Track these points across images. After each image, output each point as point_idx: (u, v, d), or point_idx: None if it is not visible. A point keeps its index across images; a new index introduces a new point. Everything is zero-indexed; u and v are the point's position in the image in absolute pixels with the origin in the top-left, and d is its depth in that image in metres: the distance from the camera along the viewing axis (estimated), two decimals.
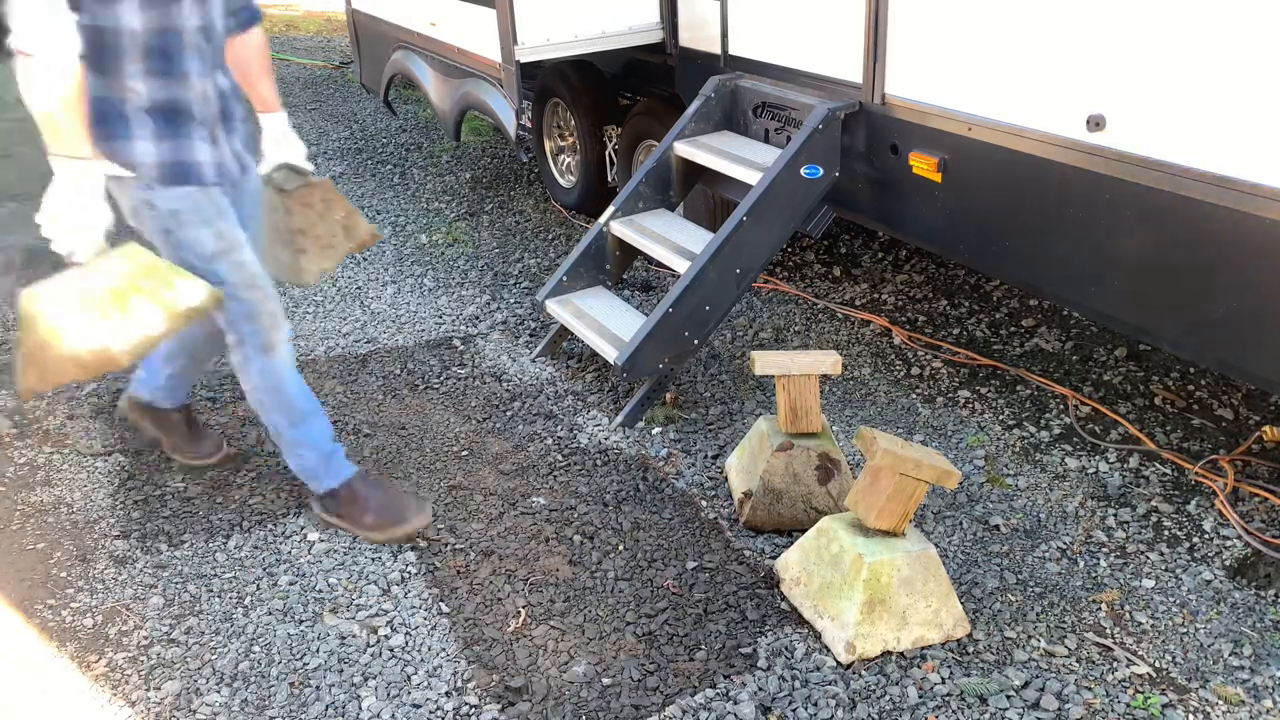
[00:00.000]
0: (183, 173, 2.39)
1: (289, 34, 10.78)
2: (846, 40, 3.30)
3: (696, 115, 3.77)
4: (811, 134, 3.27)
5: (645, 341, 3.17)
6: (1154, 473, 2.97)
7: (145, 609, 2.50)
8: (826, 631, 2.35)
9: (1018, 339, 3.80)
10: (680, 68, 4.19)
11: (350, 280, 4.45)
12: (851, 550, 2.31)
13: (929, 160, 3.10)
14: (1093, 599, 2.50)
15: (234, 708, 2.22)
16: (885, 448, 2.29)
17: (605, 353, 3.27)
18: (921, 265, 4.43)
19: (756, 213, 3.24)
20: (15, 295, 2.33)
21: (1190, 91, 2.40)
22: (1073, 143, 2.68)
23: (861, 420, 3.32)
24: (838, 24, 3.33)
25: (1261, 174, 2.29)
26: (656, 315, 3.18)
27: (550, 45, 4.00)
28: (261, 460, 3.11)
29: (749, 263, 3.29)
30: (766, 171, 3.28)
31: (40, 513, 2.88)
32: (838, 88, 3.40)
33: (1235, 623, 2.42)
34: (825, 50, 3.44)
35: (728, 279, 3.26)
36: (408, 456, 3.13)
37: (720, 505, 2.89)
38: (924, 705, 2.19)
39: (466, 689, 2.25)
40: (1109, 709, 2.18)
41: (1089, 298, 2.80)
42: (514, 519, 2.83)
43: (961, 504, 2.88)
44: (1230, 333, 2.48)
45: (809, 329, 3.94)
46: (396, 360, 3.74)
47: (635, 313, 3.49)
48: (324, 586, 2.57)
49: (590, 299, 3.63)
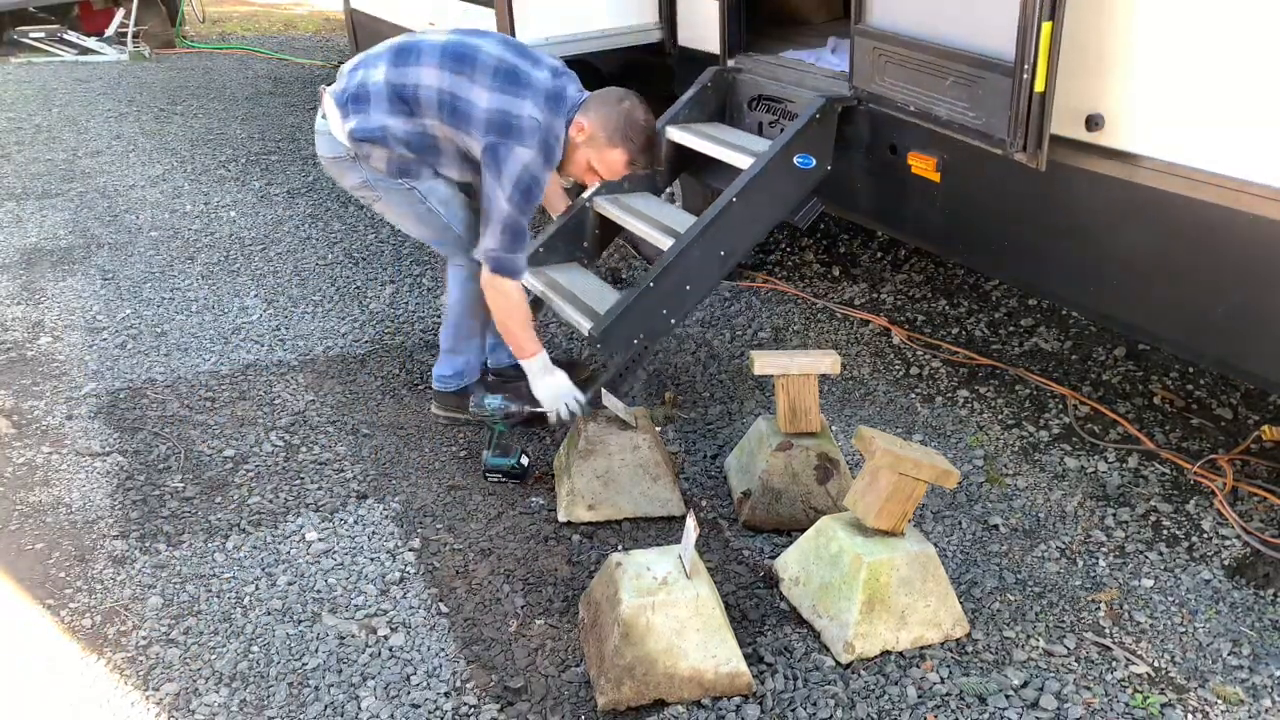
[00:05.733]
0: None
1: (288, 33, 10.78)
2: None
3: (691, 102, 3.76)
4: (808, 123, 3.26)
5: (623, 315, 3.08)
6: (1153, 472, 2.97)
7: (144, 609, 2.50)
8: (825, 631, 2.35)
9: (1017, 339, 3.80)
10: (679, 68, 4.19)
11: (349, 280, 4.45)
12: (850, 550, 2.31)
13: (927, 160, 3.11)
14: (1092, 599, 2.50)
15: (233, 708, 2.21)
16: (884, 447, 2.29)
17: (579, 324, 3.17)
18: (921, 265, 4.43)
19: (746, 196, 3.20)
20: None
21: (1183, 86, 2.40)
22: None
23: (860, 420, 3.32)
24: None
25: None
26: (637, 290, 3.12)
27: (548, 45, 3.99)
28: (261, 460, 3.11)
29: (734, 246, 3.25)
30: (760, 156, 3.27)
31: (39, 513, 2.87)
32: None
33: (1234, 622, 2.42)
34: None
35: (711, 260, 3.21)
36: (407, 456, 3.13)
37: (719, 505, 2.89)
38: (923, 705, 2.19)
39: (465, 689, 2.25)
40: (1108, 709, 2.18)
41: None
42: (513, 519, 2.83)
43: (960, 504, 2.88)
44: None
45: (808, 329, 3.94)
46: (396, 360, 3.74)
47: (611, 289, 3.38)
48: (323, 586, 2.57)
49: (566, 273, 3.52)
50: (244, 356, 3.78)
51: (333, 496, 2.93)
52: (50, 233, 5.00)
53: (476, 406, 2.94)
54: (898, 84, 2.99)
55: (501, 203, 2.74)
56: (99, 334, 3.96)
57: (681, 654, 2.16)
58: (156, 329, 4.00)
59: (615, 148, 2.82)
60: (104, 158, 6.27)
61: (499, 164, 2.72)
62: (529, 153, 2.72)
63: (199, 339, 3.92)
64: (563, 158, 2.86)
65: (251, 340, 3.91)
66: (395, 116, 2.81)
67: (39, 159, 6.24)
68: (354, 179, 2.98)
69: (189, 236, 4.98)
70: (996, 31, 2.53)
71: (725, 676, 2.19)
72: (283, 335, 3.94)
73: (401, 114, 2.81)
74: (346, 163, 2.94)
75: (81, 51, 9.39)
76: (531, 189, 2.75)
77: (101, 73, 8.74)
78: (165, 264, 4.65)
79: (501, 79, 2.75)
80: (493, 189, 2.75)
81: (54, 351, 3.83)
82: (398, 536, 2.75)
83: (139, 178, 5.88)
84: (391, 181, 2.93)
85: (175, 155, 6.32)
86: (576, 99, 2.83)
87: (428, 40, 2.85)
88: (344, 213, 5.25)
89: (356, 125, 2.83)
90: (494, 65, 2.76)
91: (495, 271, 2.82)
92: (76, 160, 6.22)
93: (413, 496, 2.93)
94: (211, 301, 4.26)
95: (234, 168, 6.07)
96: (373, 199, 3.03)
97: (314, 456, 3.13)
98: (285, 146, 6.50)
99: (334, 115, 2.88)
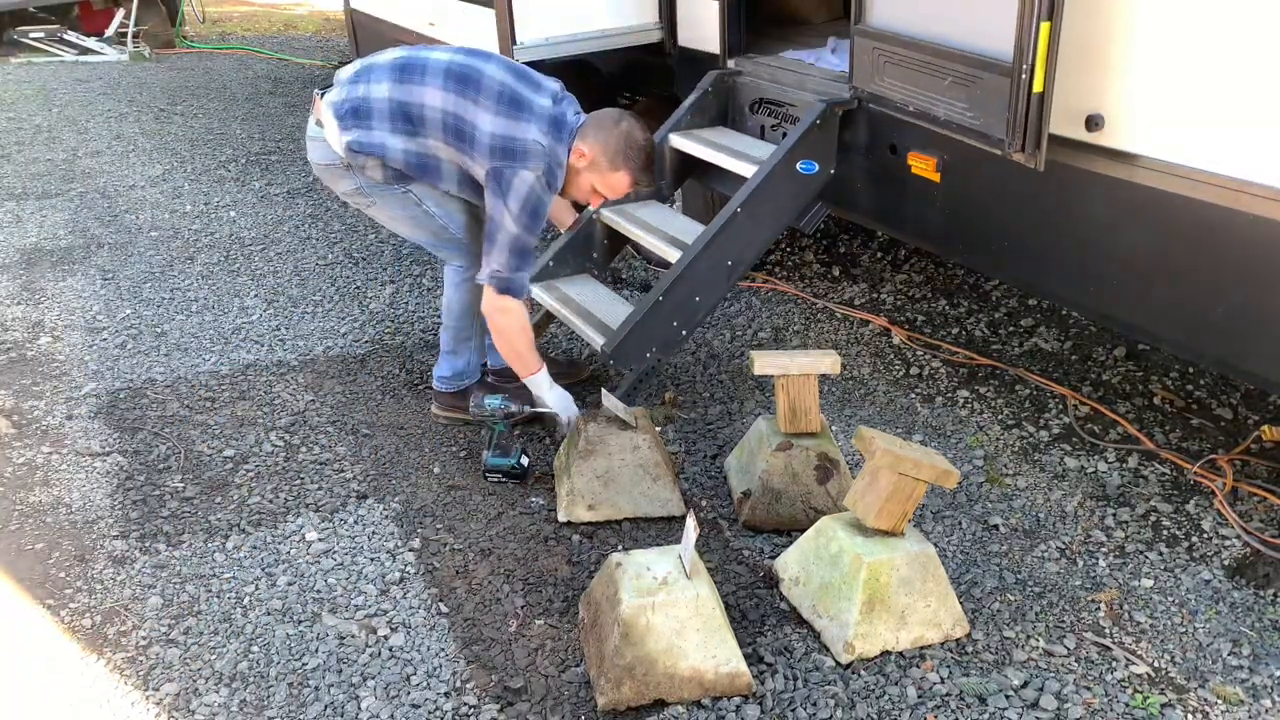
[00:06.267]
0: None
1: (288, 33, 10.78)
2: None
3: (693, 108, 3.76)
4: (809, 128, 3.27)
5: (634, 330, 3.11)
6: (1153, 472, 2.97)
7: (144, 609, 2.50)
8: (825, 631, 2.35)
9: (1017, 339, 3.80)
10: (679, 68, 4.19)
11: (349, 280, 4.45)
12: (850, 550, 2.31)
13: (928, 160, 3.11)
14: (1092, 599, 2.50)
15: (233, 708, 2.21)
16: (884, 447, 2.29)
17: (592, 340, 3.21)
18: (921, 265, 4.43)
19: (750, 206, 3.22)
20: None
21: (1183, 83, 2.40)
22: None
23: (860, 420, 3.32)
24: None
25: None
26: (647, 303, 3.14)
27: (549, 45, 3.99)
28: (261, 460, 3.11)
29: (740, 255, 3.26)
30: (762, 165, 3.27)
31: (39, 513, 2.87)
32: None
33: (1234, 622, 2.42)
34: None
35: (719, 271, 3.23)
36: (407, 456, 3.13)
37: (719, 505, 2.89)
38: (923, 705, 2.19)
39: (465, 689, 2.25)
40: (1108, 709, 2.18)
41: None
42: (513, 519, 2.83)
43: (960, 504, 2.88)
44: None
45: (808, 329, 3.94)
46: (396, 360, 3.74)
47: (622, 301, 3.42)
48: (323, 587, 2.57)
49: (576, 286, 3.55)
50: (244, 356, 3.78)
51: (333, 496, 2.93)
52: (50, 233, 5.00)
53: (476, 407, 2.94)
54: (897, 84, 2.99)
55: (509, 224, 2.74)
56: (99, 334, 3.96)
57: (681, 654, 2.16)
58: (156, 329, 4.00)
59: (618, 170, 2.83)
60: (104, 158, 6.28)
61: (505, 187, 2.73)
62: (534, 175, 2.73)
63: (199, 339, 3.92)
64: (566, 183, 2.87)
65: (251, 340, 3.91)
66: (397, 135, 2.81)
67: (39, 159, 6.24)
68: (348, 185, 2.98)
69: (189, 236, 4.98)
70: (995, 32, 2.53)
71: (725, 676, 2.19)
72: (283, 335, 3.94)
73: (404, 132, 2.81)
74: (340, 170, 2.93)
75: (81, 51, 9.39)
76: (538, 210, 2.77)
77: (101, 73, 8.75)
78: (165, 264, 4.65)
79: (506, 104, 2.75)
80: (499, 211, 2.75)
81: (54, 351, 3.83)
82: (398, 536, 2.75)
83: (139, 178, 5.89)
84: (387, 187, 2.94)
85: (175, 155, 6.32)
86: (575, 124, 2.84)
87: (432, 59, 2.84)
88: (344, 213, 5.25)
89: (355, 139, 2.82)
90: (497, 89, 2.76)
91: (502, 292, 2.83)
92: (76, 160, 6.22)
93: (413, 496, 2.93)
94: (211, 301, 4.26)
95: (234, 168, 6.07)
96: (366, 204, 3.03)
97: (314, 456, 3.13)
98: (285, 146, 6.50)
99: (331, 125, 2.87)
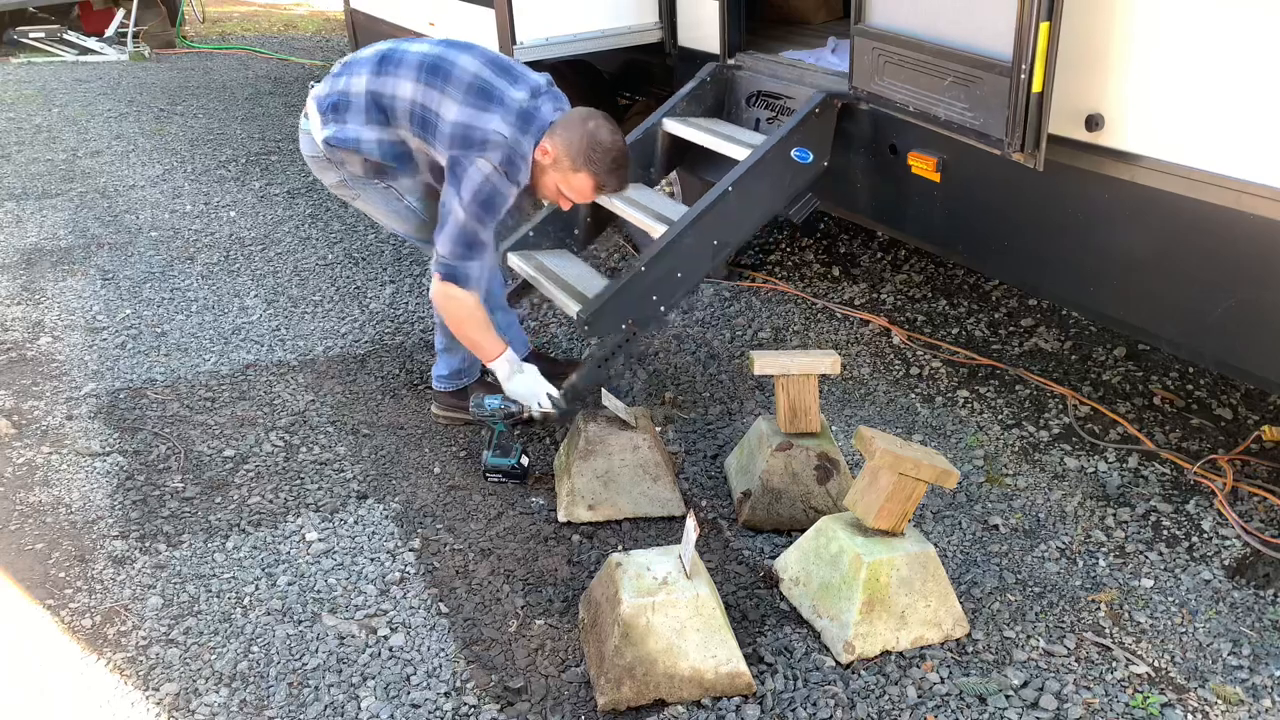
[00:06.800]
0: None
1: (288, 33, 10.78)
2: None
3: (689, 96, 3.76)
4: (806, 117, 3.26)
5: (612, 299, 3.07)
6: (1153, 472, 2.97)
7: (144, 609, 2.50)
8: (825, 631, 2.35)
9: (1017, 339, 3.80)
10: (679, 68, 4.19)
11: (349, 280, 4.45)
12: (850, 550, 2.31)
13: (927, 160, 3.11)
14: (1092, 599, 2.50)
15: (233, 708, 2.21)
16: (884, 447, 2.29)
17: (567, 307, 3.17)
18: (921, 265, 4.43)
19: (742, 186, 3.20)
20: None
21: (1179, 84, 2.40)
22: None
23: (861, 420, 3.32)
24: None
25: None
26: (630, 272, 3.11)
27: (549, 45, 4.00)
28: (261, 460, 3.11)
29: (727, 236, 3.24)
30: (757, 148, 3.27)
31: (39, 513, 2.87)
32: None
33: (1234, 622, 2.42)
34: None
35: (704, 249, 3.20)
36: (407, 456, 3.13)
37: (719, 505, 2.89)
38: (923, 705, 2.19)
39: (465, 689, 2.25)
40: (1108, 709, 2.18)
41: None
42: (513, 519, 2.83)
43: (960, 504, 2.88)
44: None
45: (808, 329, 3.94)
46: (396, 360, 3.74)
47: (599, 275, 3.38)
48: (323, 587, 2.57)
49: (554, 258, 3.52)
50: (244, 357, 3.78)
51: (333, 496, 2.93)
52: (50, 233, 5.00)
53: (476, 407, 2.94)
54: (897, 84, 2.99)
55: (458, 211, 2.72)
56: (99, 334, 3.96)
57: (681, 654, 2.16)
58: (156, 329, 4.00)
59: (579, 171, 2.77)
60: (104, 158, 6.28)
61: (460, 175, 2.71)
62: (490, 166, 2.70)
63: (199, 339, 3.92)
64: (532, 180, 2.83)
65: (251, 340, 3.91)
66: (371, 126, 2.82)
67: (39, 159, 6.24)
68: (333, 177, 3.01)
69: (189, 236, 4.98)
70: (994, 32, 2.53)
71: (725, 676, 2.19)
72: (283, 335, 3.94)
73: (378, 123, 2.82)
74: (323, 162, 2.98)
75: (81, 51, 9.39)
76: (492, 200, 2.73)
77: (101, 73, 8.75)
78: (165, 264, 4.65)
79: (474, 95, 2.74)
80: (450, 198, 2.74)
81: (54, 351, 3.83)
82: (398, 537, 2.75)
83: (139, 178, 5.89)
84: (369, 181, 2.97)
85: (175, 155, 6.32)
86: (548, 120, 2.80)
87: (411, 51, 2.84)
88: (344, 213, 5.25)
89: (332, 133, 2.85)
90: (468, 81, 2.75)
91: (446, 279, 2.79)
92: (76, 160, 6.22)
93: (413, 496, 2.93)
94: (211, 301, 4.26)
95: (234, 168, 6.07)
96: (351, 196, 3.06)
97: (314, 456, 3.13)
98: (285, 146, 6.50)
99: (315, 119, 2.92)
